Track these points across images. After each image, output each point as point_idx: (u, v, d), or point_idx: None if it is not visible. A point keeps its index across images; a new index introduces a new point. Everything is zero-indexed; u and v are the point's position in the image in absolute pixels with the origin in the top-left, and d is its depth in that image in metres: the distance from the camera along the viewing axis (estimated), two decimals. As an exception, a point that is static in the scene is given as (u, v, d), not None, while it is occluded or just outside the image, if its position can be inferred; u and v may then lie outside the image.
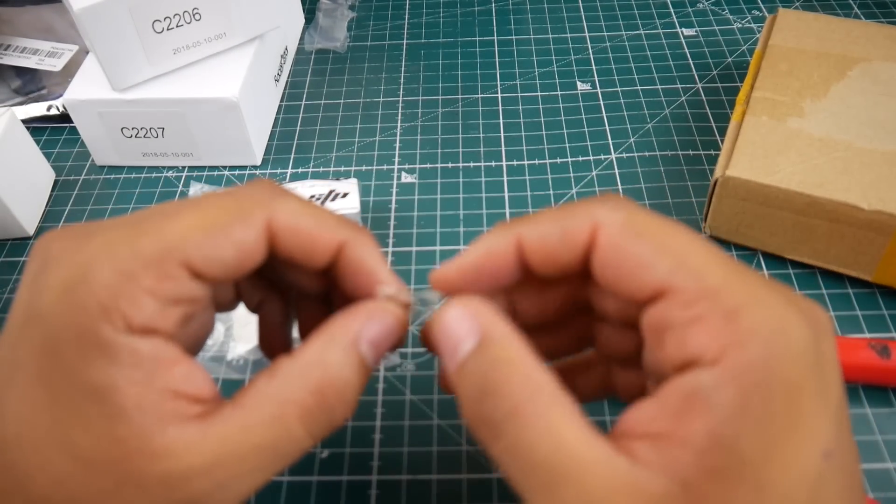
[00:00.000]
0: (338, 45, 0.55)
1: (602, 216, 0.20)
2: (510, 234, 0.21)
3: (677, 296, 0.18)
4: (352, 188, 0.39)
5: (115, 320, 0.18)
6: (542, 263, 0.21)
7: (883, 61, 0.40)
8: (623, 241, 0.19)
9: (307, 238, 0.21)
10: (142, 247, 0.19)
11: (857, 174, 0.35)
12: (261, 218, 0.20)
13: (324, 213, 0.22)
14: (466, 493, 0.31)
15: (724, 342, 0.17)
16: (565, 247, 0.20)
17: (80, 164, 0.47)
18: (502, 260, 0.21)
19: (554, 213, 0.21)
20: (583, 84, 0.50)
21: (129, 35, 0.41)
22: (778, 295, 0.18)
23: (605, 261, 0.20)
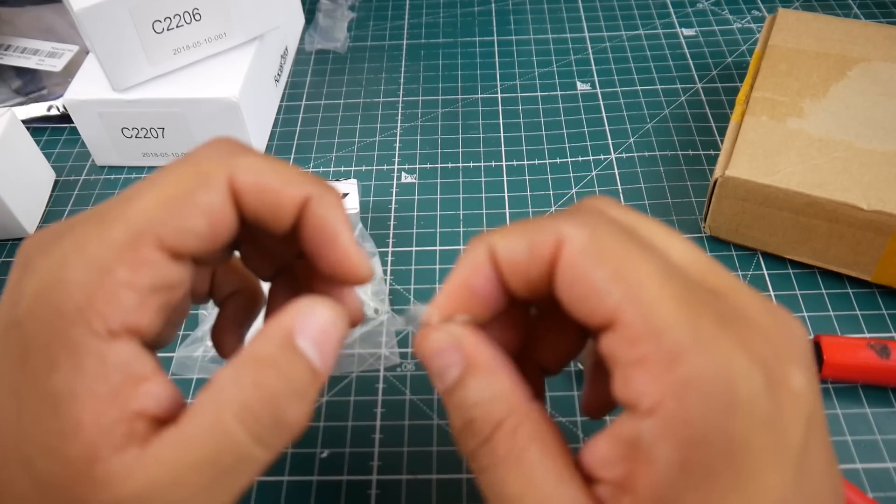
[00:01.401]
0: (338, 45, 0.55)
1: (567, 232, 0.19)
2: (483, 247, 0.20)
3: (624, 330, 0.17)
4: (351, 188, 0.39)
5: (93, 321, 0.17)
6: (513, 279, 0.20)
7: (882, 61, 0.40)
8: (581, 261, 0.18)
9: (271, 193, 0.20)
10: (111, 236, 0.18)
11: (857, 174, 0.35)
12: (222, 178, 0.19)
13: (287, 166, 0.20)
14: (466, 493, 0.31)
15: (663, 391, 0.16)
16: (532, 262, 0.19)
17: (81, 164, 0.47)
18: (484, 277, 0.20)
19: (524, 226, 0.20)
20: (582, 84, 0.50)
21: (130, 35, 0.41)
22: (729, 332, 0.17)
23: (563, 280, 0.19)
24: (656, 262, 0.18)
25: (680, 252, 0.19)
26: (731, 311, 0.18)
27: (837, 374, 0.32)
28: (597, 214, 0.20)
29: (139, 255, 0.18)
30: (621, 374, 0.17)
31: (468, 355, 0.19)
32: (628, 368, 0.17)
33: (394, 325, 0.35)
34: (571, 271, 0.18)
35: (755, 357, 0.17)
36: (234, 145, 0.21)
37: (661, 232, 0.20)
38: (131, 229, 0.18)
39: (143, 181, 0.19)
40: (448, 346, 0.20)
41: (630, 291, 0.17)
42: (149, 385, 0.18)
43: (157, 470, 0.17)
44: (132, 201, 0.18)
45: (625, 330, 0.17)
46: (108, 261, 0.17)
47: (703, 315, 0.17)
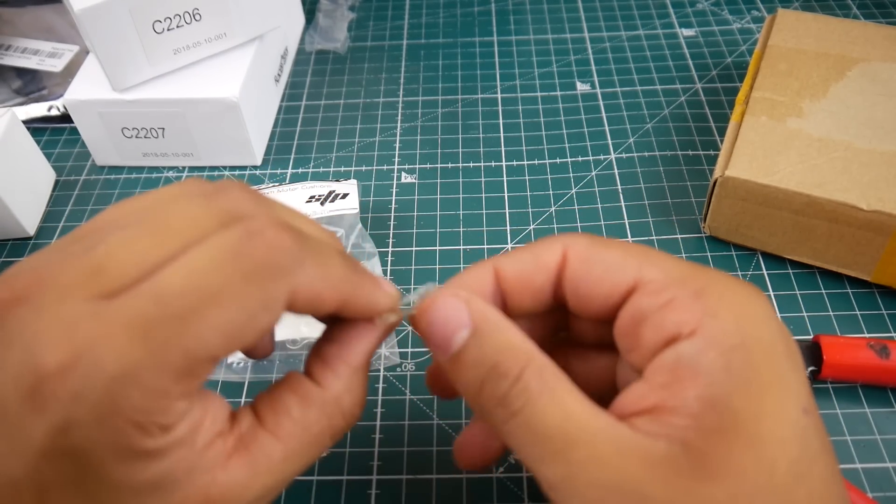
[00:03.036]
0: (338, 45, 0.55)
1: (569, 241, 0.22)
2: (487, 265, 0.22)
3: (648, 286, 0.20)
4: (351, 189, 0.39)
5: (153, 432, 0.17)
6: (516, 290, 0.22)
7: (882, 61, 0.40)
8: (591, 253, 0.21)
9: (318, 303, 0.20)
10: (168, 363, 0.17)
11: (856, 174, 0.35)
12: (284, 300, 0.19)
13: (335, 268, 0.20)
14: (466, 493, 0.31)
15: (699, 315, 0.19)
16: (538, 269, 0.22)
17: (81, 164, 0.47)
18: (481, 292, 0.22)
19: (527, 245, 0.23)
20: (582, 84, 0.50)
21: (130, 35, 0.41)
22: (739, 284, 0.20)
23: (576, 273, 0.21)
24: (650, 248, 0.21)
25: None
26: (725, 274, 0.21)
27: (837, 374, 0.32)
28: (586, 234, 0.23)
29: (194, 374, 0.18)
30: (653, 322, 0.19)
31: (479, 313, 0.21)
32: (661, 312, 0.19)
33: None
34: (585, 262, 0.21)
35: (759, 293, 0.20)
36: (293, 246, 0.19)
37: None
38: (189, 358, 0.17)
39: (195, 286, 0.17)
40: (457, 308, 0.21)
41: (644, 260, 0.21)
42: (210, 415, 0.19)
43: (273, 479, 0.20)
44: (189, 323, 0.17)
45: (649, 286, 0.20)
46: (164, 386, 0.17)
47: (707, 268, 0.21)
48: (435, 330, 0.21)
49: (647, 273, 0.20)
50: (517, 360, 0.20)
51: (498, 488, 0.31)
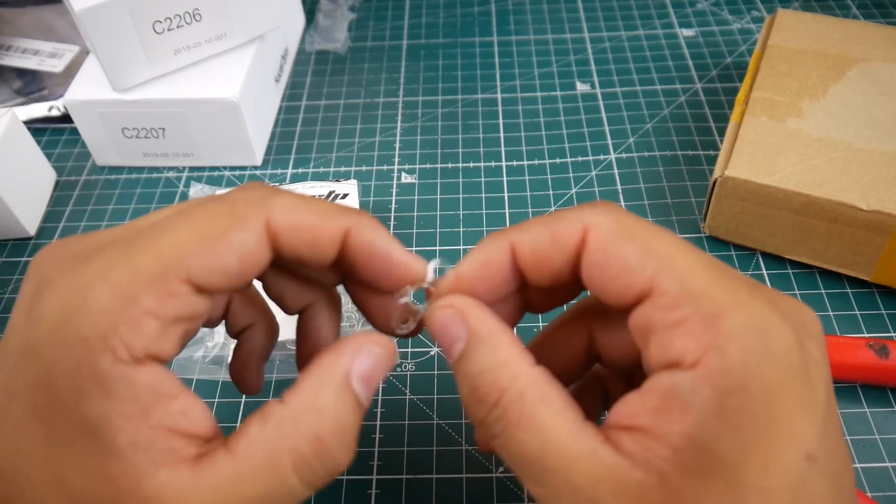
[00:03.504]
0: (338, 45, 0.55)
1: (592, 219, 0.20)
2: (503, 240, 0.21)
3: (661, 298, 0.18)
4: (351, 189, 0.39)
5: (117, 348, 0.17)
6: (534, 268, 0.21)
7: (881, 62, 0.40)
8: (611, 242, 0.19)
9: (309, 231, 0.20)
10: (141, 265, 0.18)
11: (856, 174, 0.35)
12: (259, 219, 0.19)
13: (322, 203, 0.21)
14: (466, 493, 0.31)
15: (704, 346, 0.17)
16: (556, 249, 0.20)
17: (81, 164, 0.47)
18: (498, 268, 0.21)
19: (545, 219, 0.21)
20: (582, 84, 0.50)
21: (130, 36, 0.41)
22: (761, 298, 0.18)
23: (593, 262, 0.20)
24: (680, 240, 0.20)
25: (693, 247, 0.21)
26: (758, 286, 0.19)
27: (837, 374, 0.32)
28: (613, 205, 0.21)
29: (166, 287, 0.18)
30: (660, 338, 0.18)
31: (471, 326, 0.20)
32: (668, 330, 0.18)
33: None
34: (602, 252, 0.19)
35: (785, 320, 0.18)
36: (269, 187, 0.21)
37: None
38: (161, 261, 0.18)
39: (177, 211, 0.20)
40: (453, 319, 0.21)
41: (663, 263, 0.19)
42: (178, 401, 0.18)
43: (216, 498, 0.18)
44: (165, 231, 0.19)
45: (662, 297, 0.18)
46: (135, 290, 0.18)
47: (735, 282, 0.19)
48: (438, 337, 0.21)
49: (662, 282, 0.18)
50: (497, 385, 0.19)
51: (498, 488, 0.31)
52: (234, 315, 0.24)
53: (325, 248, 0.21)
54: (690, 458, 0.17)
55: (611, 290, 0.20)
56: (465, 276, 0.22)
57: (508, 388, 0.19)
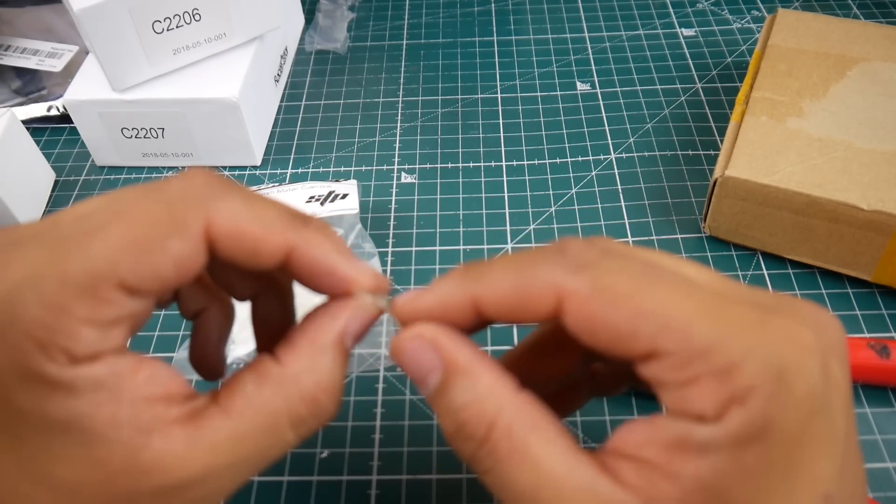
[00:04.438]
0: (338, 45, 0.55)
1: (565, 285, 0.18)
2: (465, 289, 0.20)
3: (667, 359, 0.17)
4: (351, 189, 0.39)
5: (56, 356, 0.17)
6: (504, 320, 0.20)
7: (882, 61, 0.40)
8: (593, 312, 0.18)
9: (251, 242, 0.19)
10: (69, 273, 0.17)
11: (857, 174, 0.35)
12: (198, 225, 0.18)
13: (269, 211, 0.20)
14: (466, 493, 0.31)
15: (723, 401, 0.16)
16: (526, 311, 0.19)
17: (81, 164, 0.47)
18: (457, 311, 0.20)
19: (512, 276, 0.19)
20: (582, 84, 0.50)
21: (129, 35, 0.41)
22: (775, 327, 0.17)
23: (580, 328, 0.18)
24: (668, 282, 0.18)
25: (694, 271, 0.19)
26: (769, 310, 0.18)
27: (837, 374, 0.32)
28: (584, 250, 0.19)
29: (98, 295, 0.17)
30: (673, 395, 0.17)
31: (446, 358, 0.19)
32: (681, 388, 0.17)
33: None
34: (586, 322, 0.18)
35: (805, 350, 0.17)
36: (213, 183, 0.19)
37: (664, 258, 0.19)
38: (91, 268, 0.17)
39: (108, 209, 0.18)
40: (425, 350, 0.19)
41: (660, 323, 0.17)
42: (143, 372, 0.18)
43: (215, 458, 0.18)
44: (96, 234, 0.17)
45: (668, 359, 0.17)
46: (65, 299, 0.17)
47: (744, 314, 0.17)
48: (409, 370, 0.20)
49: (665, 343, 0.17)
50: (483, 419, 0.18)
51: (498, 488, 0.31)
52: (185, 300, 0.24)
53: (266, 260, 0.19)
54: (700, 501, 0.16)
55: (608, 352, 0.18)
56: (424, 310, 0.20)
57: (496, 421, 0.18)
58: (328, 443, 0.33)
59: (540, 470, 0.18)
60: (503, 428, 0.18)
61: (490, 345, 0.36)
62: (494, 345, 0.36)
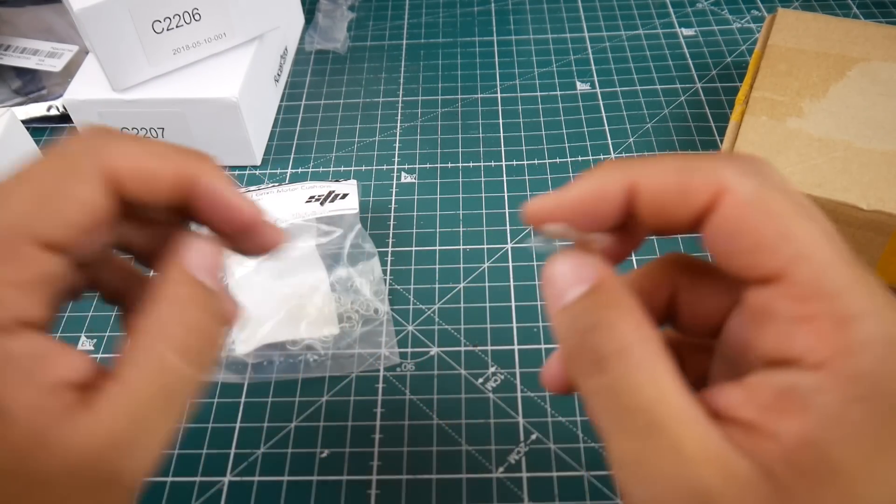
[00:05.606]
0: (338, 45, 0.55)
1: (731, 180, 0.18)
2: (625, 175, 0.19)
3: (792, 287, 0.17)
4: (351, 189, 0.39)
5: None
6: (650, 215, 0.19)
7: (882, 61, 0.40)
8: (749, 214, 0.17)
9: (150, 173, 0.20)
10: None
11: (856, 174, 0.35)
12: (95, 168, 0.19)
13: (161, 145, 0.21)
14: (466, 493, 0.31)
15: (834, 348, 0.16)
16: (681, 204, 0.18)
17: (80, 164, 0.47)
18: (610, 201, 0.19)
19: (676, 163, 0.19)
20: (582, 84, 0.50)
21: (129, 35, 0.41)
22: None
23: (722, 230, 0.18)
24: (823, 226, 0.18)
25: None
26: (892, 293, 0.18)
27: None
28: (752, 162, 0.19)
29: (13, 252, 0.18)
30: (780, 330, 0.17)
31: (601, 274, 0.19)
32: (793, 325, 0.17)
33: None
34: (735, 223, 0.18)
35: None
36: (105, 133, 0.20)
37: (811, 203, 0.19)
38: (5, 229, 0.18)
39: (13, 176, 0.19)
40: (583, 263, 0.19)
41: (802, 250, 0.17)
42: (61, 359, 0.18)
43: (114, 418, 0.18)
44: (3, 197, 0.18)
45: (792, 287, 0.17)
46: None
47: (874, 286, 0.17)
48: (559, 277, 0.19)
49: (797, 270, 0.17)
50: (625, 320, 0.18)
51: (498, 488, 0.31)
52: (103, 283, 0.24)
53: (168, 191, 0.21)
54: (804, 460, 0.16)
55: (735, 263, 0.18)
56: (569, 201, 0.20)
57: (637, 327, 0.18)
58: (328, 443, 0.33)
59: (665, 388, 0.17)
60: (641, 337, 0.18)
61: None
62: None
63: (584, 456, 0.32)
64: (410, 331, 0.37)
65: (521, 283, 0.38)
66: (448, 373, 0.35)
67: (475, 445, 0.32)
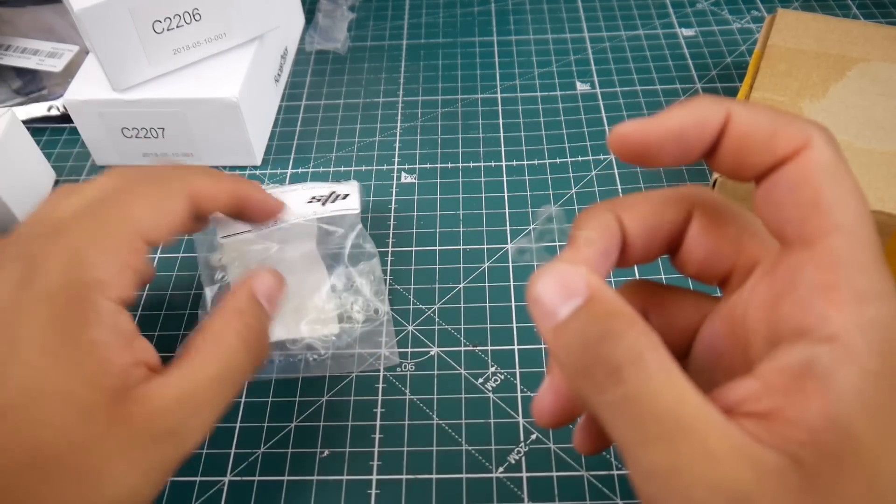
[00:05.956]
0: (338, 45, 0.55)
1: (816, 139, 0.18)
2: (723, 107, 0.19)
3: (822, 254, 0.17)
4: (352, 190, 0.39)
5: (109, 291, 0.24)
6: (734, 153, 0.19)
7: (881, 61, 0.40)
8: (820, 174, 0.18)
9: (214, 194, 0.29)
10: (117, 230, 0.25)
11: (856, 174, 0.35)
12: (183, 191, 0.28)
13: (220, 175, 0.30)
14: (466, 493, 0.31)
15: (848, 322, 0.16)
16: (767, 148, 0.19)
17: (81, 164, 0.47)
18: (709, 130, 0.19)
19: (771, 111, 0.19)
20: (582, 84, 0.50)
21: (130, 35, 0.41)
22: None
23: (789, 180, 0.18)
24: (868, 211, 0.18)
25: None
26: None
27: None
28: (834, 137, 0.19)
29: (134, 246, 0.25)
30: (801, 296, 0.17)
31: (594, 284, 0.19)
32: (814, 291, 0.17)
33: None
34: (805, 177, 0.18)
35: None
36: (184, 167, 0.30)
37: None
38: (130, 227, 0.25)
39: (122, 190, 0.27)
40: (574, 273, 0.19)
41: (847, 222, 0.17)
42: (140, 342, 0.24)
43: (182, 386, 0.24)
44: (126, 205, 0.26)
45: (825, 254, 0.17)
46: (116, 249, 0.24)
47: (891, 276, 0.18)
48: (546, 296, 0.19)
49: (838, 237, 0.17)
50: (634, 329, 0.17)
51: (498, 488, 0.31)
52: None
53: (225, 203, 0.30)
54: (830, 439, 0.16)
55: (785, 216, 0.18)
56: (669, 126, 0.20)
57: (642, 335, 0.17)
58: (328, 443, 0.33)
59: (684, 391, 0.17)
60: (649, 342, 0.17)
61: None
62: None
63: (584, 456, 0.32)
64: (410, 331, 0.37)
65: (521, 283, 0.38)
66: (448, 373, 0.35)
67: (475, 445, 0.32)
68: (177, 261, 0.41)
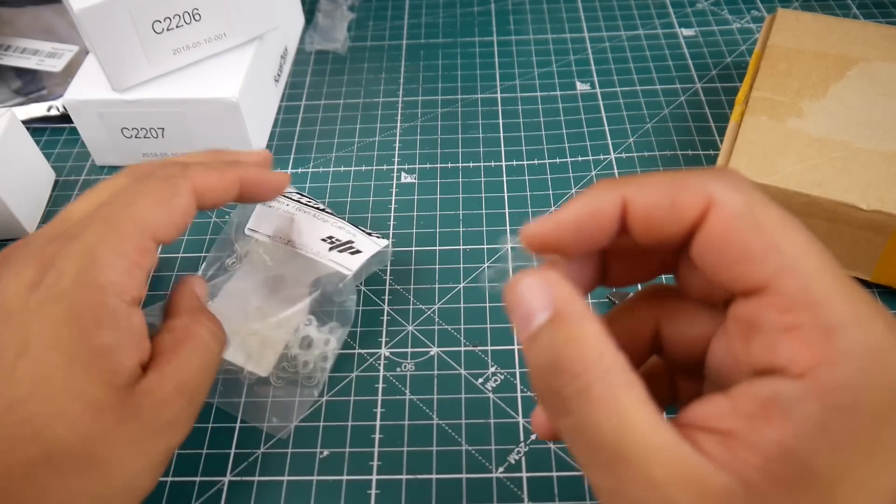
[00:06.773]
0: (338, 45, 0.55)
1: (718, 194, 0.18)
2: (617, 193, 0.20)
3: (776, 297, 0.17)
4: (372, 249, 0.36)
5: (123, 292, 0.24)
6: (643, 231, 0.20)
7: (881, 61, 0.40)
8: (737, 226, 0.18)
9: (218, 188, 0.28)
10: (127, 231, 0.25)
11: (856, 174, 0.35)
12: (189, 187, 0.27)
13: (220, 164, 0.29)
14: (466, 493, 0.31)
15: (816, 358, 0.16)
16: (672, 218, 0.19)
17: (80, 164, 0.47)
18: (605, 220, 0.20)
19: (664, 179, 0.19)
20: (582, 84, 0.50)
21: (129, 35, 0.41)
22: (881, 318, 0.17)
23: (711, 242, 0.18)
24: (809, 237, 0.18)
25: None
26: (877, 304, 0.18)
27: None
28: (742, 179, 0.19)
29: (144, 245, 0.25)
30: (766, 340, 0.17)
31: (559, 298, 0.19)
32: (778, 335, 0.17)
33: None
34: (723, 235, 0.18)
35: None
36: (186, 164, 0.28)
37: None
38: (139, 226, 0.25)
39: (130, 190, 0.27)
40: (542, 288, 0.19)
41: (788, 262, 0.17)
42: (146, 342, 0.25)
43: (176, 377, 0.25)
44: (134, 205, 0.26)
45: (777, 298, 0.17)
46: (126, 249, 0.24)
47: (857, 296, 0.17)
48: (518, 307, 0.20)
49: (783, 281, 0.17)
50: (583, 358, 0.18)
51: (498, 488, 0.31)
52: None
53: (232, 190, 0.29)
54: (783, 469, 0.16)
55: (724, 275, 0.18)
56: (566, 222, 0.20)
57: (594, 363, 0.18)
58: (328, 443, 0.33)
59: (626, 419, 0.17)
60: (599, 371, 0.18)
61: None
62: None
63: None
64: (410, 331, 0.37)
65: (521, 283, 0.38)
66: (448, 373, 0.35)
67: (475, 445, 0.32)
68: (177, 262, 0.41)
